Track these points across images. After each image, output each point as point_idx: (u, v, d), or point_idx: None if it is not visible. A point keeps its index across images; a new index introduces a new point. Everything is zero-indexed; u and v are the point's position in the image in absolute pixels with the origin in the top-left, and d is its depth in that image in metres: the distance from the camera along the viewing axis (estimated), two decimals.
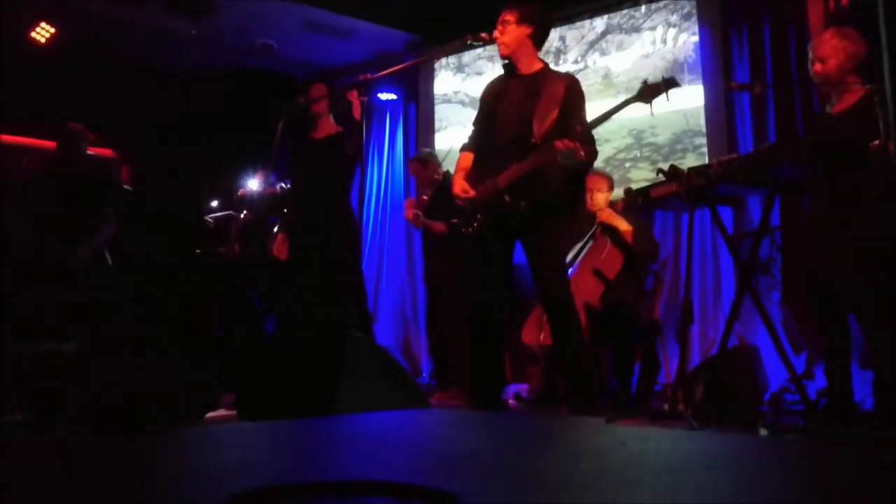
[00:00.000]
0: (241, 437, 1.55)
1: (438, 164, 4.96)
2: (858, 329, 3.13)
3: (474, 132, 3.39)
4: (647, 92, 2.86)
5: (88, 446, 1.45)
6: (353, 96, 3.86)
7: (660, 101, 2.90)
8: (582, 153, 2.96)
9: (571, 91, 3.16)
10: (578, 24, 5.52)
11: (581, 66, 5.44)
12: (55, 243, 4.14)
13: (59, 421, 2.92)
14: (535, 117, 3.08)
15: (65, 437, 2.75)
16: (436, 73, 6.24)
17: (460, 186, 3.21)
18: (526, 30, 3.20)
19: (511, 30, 3.18)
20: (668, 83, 2.85)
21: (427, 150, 5.37)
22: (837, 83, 3.04)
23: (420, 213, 4.69)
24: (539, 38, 3.27)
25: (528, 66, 3.25)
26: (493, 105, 3.26)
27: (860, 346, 3.28)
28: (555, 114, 3.08)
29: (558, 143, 2.91)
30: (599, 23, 5.41)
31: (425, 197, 4.88)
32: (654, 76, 2.92)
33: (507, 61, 3.28)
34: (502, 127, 3.18)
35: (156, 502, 0.87)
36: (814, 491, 0.89)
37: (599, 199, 4.16)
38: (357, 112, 3.91)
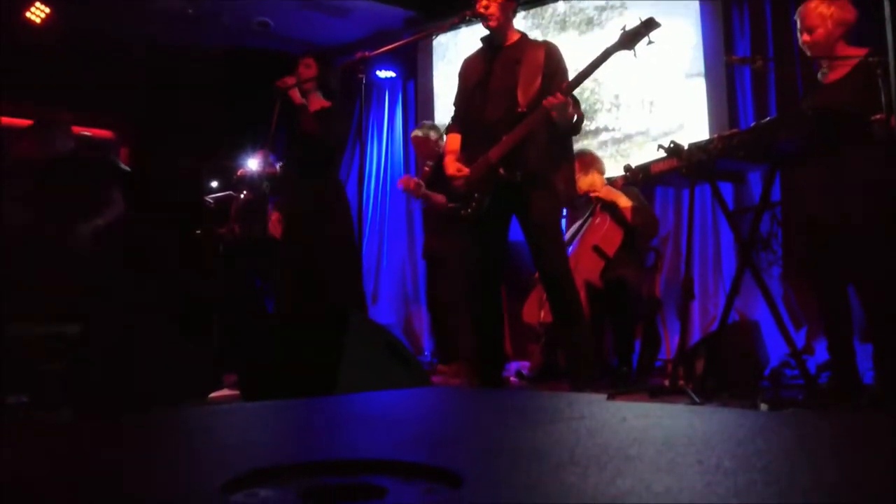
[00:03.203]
0: (244, 416, 1.56)
1: (440, 137, 4.95)
2: (858, 302, 3.14)
3: (457, 112, 3.37)
4: (628, 38, 2.83)
5: (92, 427, 1.46)
6: (287, 81, 3.91)
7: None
8: (572, 109, 2.96)
9: (551, 57, 3.15)
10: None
11: (581, 41, 5.39)
12: (50, 226, 4.12)
13: (63, 402, 2.94)
14: (520, 86, 3.07)
15: (69, 418, 2.77)
16: (434, 50, 6.19)
17: (454, 167, 3.18)
18: (512, 3, 3.20)
19: (502, 2, 3.15)
20: (648, 24, 2.78)
21: (429, 122, 5.36)
22: (827, 52, 3.02)
23: (422, 182, 4.68)
24: (515, 10, 3.28)
25: (509, 38, 3.24)
26: (477, 82, 3.23)
27: (859, 319, 3.29)
28: (538, 81, 3.07)
29: (549, 99, 2.90)
30: None
31: (427, 168, 4.87)
32: (632, 23, 2.84)
33: (489, 34, 3.26)
34: (489, 101, 3.16)
35: (160, 482, 0.88)
36: (815, 465, 0.89)
37: (595, 179, 4.15)
38: (296, 98, 3.96)
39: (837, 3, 2.99)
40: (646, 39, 2.79)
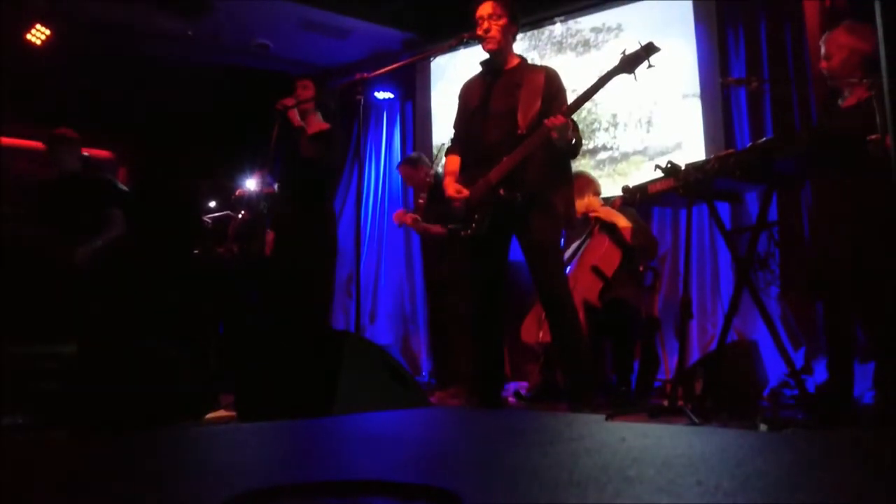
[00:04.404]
0: (241, 437, 1.55)
1: (429, 166, 5.01)
2: (858, 322, 3.14)
3: (457, 134, 3.39)
4: (628, 61, 2.86)
5: (89, 447, 1.45)
6: (286, 103, 3.94)
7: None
8: (572, 131, 2.98)
9: (551, 81, 3.18)
10: (573, 20, 5.52)
11: (578, 62, 5.44)
12: (53, 246, 4.12)
13: (59, 422, 2.92)
14: (520, 109, 3.10)
15: (66, 438, 2.75)
16: (432, 71, 6.23)
17: (454, 188, 3.20)
18: (513, 27, 3.23)
19: (503, 25, 3.18)
20: (648, 49, 2.82)
21: (416, 153, 5.41)
22: (843, 79, 3.06)
23: (419, 217, 4.70)
24: (516, 35, 3.31)
25: (509, 62, 3.27)
26: (477, 104, 3.26)
27: (861, 339, 3.29)
28: (538, 104, 3.10)
29: (548, 121, 2.93)
30: (595, 19, 5.42)
31: (422, 200, 4.89)
32: (631, 47, 2.87)
33: (488, 58, 3.29)
34: (489, 124, 3.19)
35: (157, 502, 0.88)
36: (813, 485, 0.89)
37: (591, 201, 4.16)
38: (295, 120, 3.98)
39: (858, 33, 3.03)
40: (645, 63, 2.82)
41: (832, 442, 1.42)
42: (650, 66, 2.83)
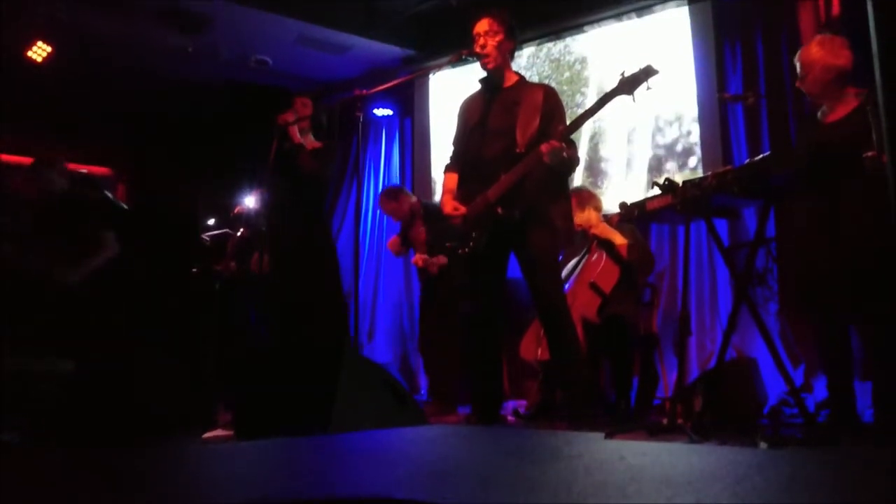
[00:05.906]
0: (238, 455, 1.54)
1: (410, 195, 5.03)
2: (856, 340, 3.13)
3: (456, 151, 3.40)
4: (627, 83, 2.88)
5: (86, 464, 1.44)
6: (287, 118, 3.95)
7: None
8: (565, 154, 2.99)
9: (550, 99, 3.20)
10: (570, 38, 5.56)
11: (576, 78, 5.46)
12: (39, 266, 4.06)
13: (56, 439, 2.91)
14: (518, 127, 3.11)
15: (62, 456, 2.74)
16: (431, 88, 6.26)
17: (451, 205, 3.21)
18: (510, 44, 3.25)
19: (500, 42, 3.21)
20: (647, 72, 2.85)
21: (393, 186, 5.43)
22: (819, 95, 3.07)
23: (427, 257, 4.68)
24: (513, 51, 3.34)
25: (508, 79, 3.29)
26: (476, 122, 3.27)
27: (859, 357, 3.28)
28: (536, 122, 3.12)
29: (544, 146, 2.94)
30: (592, 35, 5.45)
31: (422, 236, 4.85)
32: (631, 68, 2.90)
33: (487, 76, 3.30)
34: (488, 141, 3.20)
35: None
36: (813, 503, 0.88)
37: (591, 216, 4.17)
38: (295, 136, 4.00)
39: (828, 48, 3.01)
40: (644, 85, 2.84)
41: (832, 460, 1.42)
42: (649, 87, 2.85)
